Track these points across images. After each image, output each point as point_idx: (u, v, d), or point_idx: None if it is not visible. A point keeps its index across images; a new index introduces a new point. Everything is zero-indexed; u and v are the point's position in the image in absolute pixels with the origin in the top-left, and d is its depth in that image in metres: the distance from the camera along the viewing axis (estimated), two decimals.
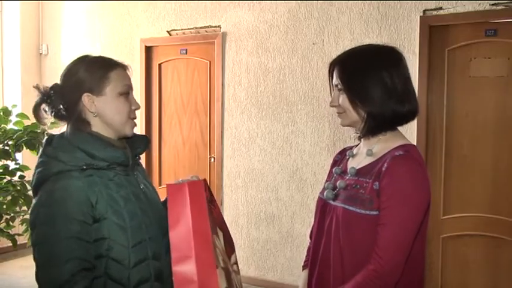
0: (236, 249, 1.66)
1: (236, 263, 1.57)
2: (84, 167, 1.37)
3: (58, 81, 1.47)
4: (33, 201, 1.40)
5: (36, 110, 1.45)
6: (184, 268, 1.25)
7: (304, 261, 1.69)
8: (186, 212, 1.28)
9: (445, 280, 3.67)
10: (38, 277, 1.34)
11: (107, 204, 1.36)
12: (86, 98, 1.41)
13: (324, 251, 1.49)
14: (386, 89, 1.41)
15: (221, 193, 4.54)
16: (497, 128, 3.49)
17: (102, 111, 1.43)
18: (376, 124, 1.44)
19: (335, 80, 1.49)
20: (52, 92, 1.45)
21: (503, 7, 3.37)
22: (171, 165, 4.90)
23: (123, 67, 1.48)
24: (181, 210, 1.28)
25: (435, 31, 3.61)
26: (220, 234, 1.47)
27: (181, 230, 1.27)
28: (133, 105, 1.48)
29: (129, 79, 1.49)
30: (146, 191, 1.53)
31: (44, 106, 1.46)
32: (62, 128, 1.52)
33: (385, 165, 1.38)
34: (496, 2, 3.39)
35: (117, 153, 1.43)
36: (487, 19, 3.45)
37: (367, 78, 1.42)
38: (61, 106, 1.44)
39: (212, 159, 4.63)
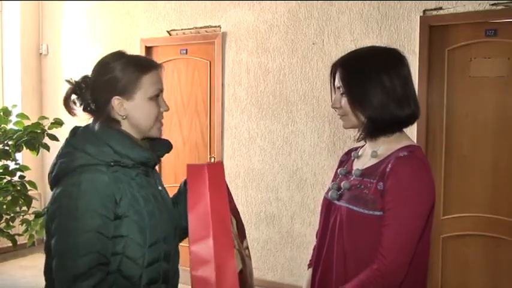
0: None
1: (248, 247, 1.57)
2: (112, 164, 1.37)
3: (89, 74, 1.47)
4: (55, 191, 1.38)
5: (67, 101, 1.45)
6: (201, 248, 1.25)
7: (310, 260, 1.70)
8: (205, 193, 1.28)
9: (445, 280, 3.67)
10: (52, 267, 1.33)
11: (129, 203, 1.37)
12: (116, 101, 1.41)
13: (328, 250, 1.49)
14: (386, 92, 1.41)
15: None
16: (497, 128, 3.49)
17: (131, 114, 1.43)
18: (375, 128, 1.45)
19: (337, 82, 1.49)
20: (83, 85, 1.44)
21: (503, 7, 3.37)
22: (171, 165, 4.90)
23: (157, 69, 1.47)
24: (200, 191, 1.29)
25: (435, 31, 3.61)
26: (234, 220, 1.48)
27: (200, 211, 1.28)
28: (162, 108, 1.48)
29: (161, 81, 1.48)
30: (162, 192, 1.54)
31: (74, 98, 1.45)
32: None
33: (389, 166, 1.38)
34: (496, 2, 3.39)
35: (145, 153, 1.44)
36: (487, 19, 3.45)
37: (368, 81, 1.42)
38: (90, 101, 1.43)
39: (212, 159, 4.63)
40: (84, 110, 1.46)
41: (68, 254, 1.29)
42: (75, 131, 1.45)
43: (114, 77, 1.41)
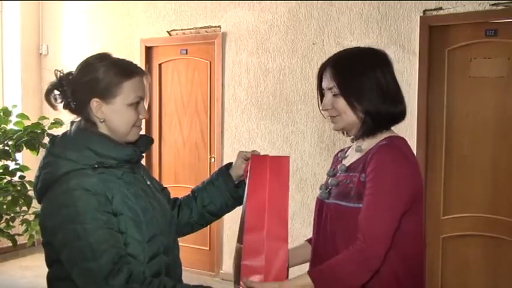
0: None
1: None
2: (96, 166, 1.37)
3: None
4: (46, 204, 1.38)
5: (48, 95, 1.44)
6: (254, 239, 1.26)
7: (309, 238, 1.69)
8: (264, 184, 1.29)
9: (445, 280, 3.67)
10: (77, 274, 1.32)
11: (121, 200, 1.36)
12: (95, 103, 1.40)
13: (324, 247, 1.49)
14: (381, 88, 1.43)
15: None
16: (497, 128, 3.49)
17: (109, 118, 1.41)
18: (373, 124, 1.45)
19: (328, 83, 1.49)
20: (64, 82, 1.43)
21: (503, 7, 3.37)
22: (171, 165, 4.90)
23: (141, 75, 1.45)
24: (260, 182, 1.29)
25: (435, 31, 3.61)
26: None
27: (257, 201, 1.28)
28: (141, 115, 1.45)
29: (143, 89, 1.45)
30: (151, 186, 1.54)
31: (56, 93, 1.44)
32: (63, 127, 1.51)
33: (370, 156, 1.41)
34: (496, 2, 3.39)
35: (127, 151, 1.43)
36: (487, 19, 3.45)
37: (363, 78, 1.43)
38: (70, 99, 1.42)
39: (212, 160, 4.63)
40: (64, 107, 1.45)
41: (87, 258, 1.28)
42: (54, 140, 1.44)
43: (95, 78, 1.39)
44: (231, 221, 4.48)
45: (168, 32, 4.79)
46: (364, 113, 1.44)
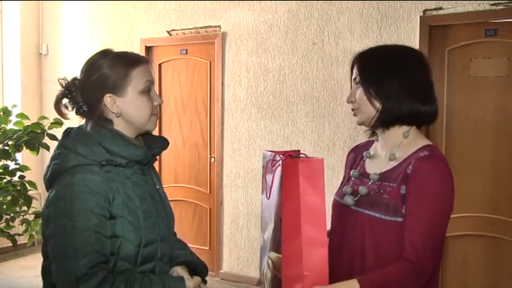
0: (236, 249, 1.66)
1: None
2: (104, 163, 1.36)
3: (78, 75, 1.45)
4: (50, 194, 1.37)
5: (58, 105, 1.43)
6: (292, 246, 1.24)
7: None
8: (297, 191, 1.26)
9: (445, 280, 3.67)
10: (52, 270, 1.32)
11: (123, 202, 1.35)
12: (108, 99, 1.40)
13: (346, 253, 1.47)
14: (407, 85, 1.40)
15: (221, 193, 4.54)
16: (497, 128, 3.49)
17: (125, 111, 1.41)
18: (390, 118, 1.42)
19: (354, 73, 1.48)
20: (73, 88, 1.42)
21: (503, 7, 3.37)
22: (171, 165, 4.90)
23: (145, 63, 1.45)
24: (292, 188, 1.26)
25: (435, 31, 3.61)
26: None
27: (291, 209, 1.26)
28: (156, 101, 1.46)
29: (151, 74, 1.46)
30: (160, 191, 1.53)
31: (65, 101, 1.43)
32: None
33: (410, 167, 1.37)
34: (496, 2, 3.39)
35: (138, 151, 1.42)
36: (487, 19, 3.45)
37: (386, 72, 1.42)
38: (81, 103, 1.42)
39: (212, 159, 4.63)
40: (77, 113, 1.44)
41: (67, 256, 1.28)
42: (68, 132, 1.44)
43: (103, 75, 1.40)
44: (230, 221, 4.49)
45: (168, 31, 4.79)
46: (382, 106, 1.41)
